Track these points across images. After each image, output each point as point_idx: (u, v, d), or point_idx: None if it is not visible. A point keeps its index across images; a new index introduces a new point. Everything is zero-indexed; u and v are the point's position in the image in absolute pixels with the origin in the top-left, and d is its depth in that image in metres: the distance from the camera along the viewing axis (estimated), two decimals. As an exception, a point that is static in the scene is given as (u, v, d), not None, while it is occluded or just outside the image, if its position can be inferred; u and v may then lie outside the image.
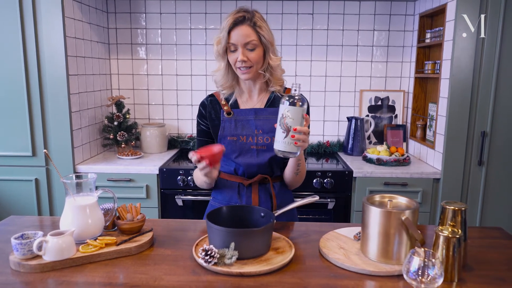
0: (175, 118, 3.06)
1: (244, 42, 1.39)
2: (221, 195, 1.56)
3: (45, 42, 2.30)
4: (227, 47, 1.43)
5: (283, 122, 1.23)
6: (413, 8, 2.87)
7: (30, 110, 2.36)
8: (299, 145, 1.25)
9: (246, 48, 1.40)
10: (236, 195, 1.52)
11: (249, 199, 1.51)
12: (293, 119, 1.22)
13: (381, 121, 3.00)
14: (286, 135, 1.23)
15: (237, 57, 1.41)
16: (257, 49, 1.42)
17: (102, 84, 2.85)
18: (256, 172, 1.50)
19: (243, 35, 1.39)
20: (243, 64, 1.41)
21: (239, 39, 1.39)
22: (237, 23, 1.39)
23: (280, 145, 1.25)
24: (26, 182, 2.43)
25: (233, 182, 1.54)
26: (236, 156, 1.49)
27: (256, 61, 1.42)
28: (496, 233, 1.40)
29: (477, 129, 2.30)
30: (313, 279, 1.06)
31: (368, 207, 1.13)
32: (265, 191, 1.52)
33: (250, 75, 1.44)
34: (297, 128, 1.22)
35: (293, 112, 1.22)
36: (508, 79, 2.23)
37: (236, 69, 1.45)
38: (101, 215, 1.26)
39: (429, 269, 0.95)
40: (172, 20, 2.93)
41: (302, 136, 1.24)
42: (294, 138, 1.23)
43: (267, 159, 1.48)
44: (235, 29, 1.39)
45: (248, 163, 1.49)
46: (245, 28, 1.39)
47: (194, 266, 1.13)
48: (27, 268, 1.09)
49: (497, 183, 2.35)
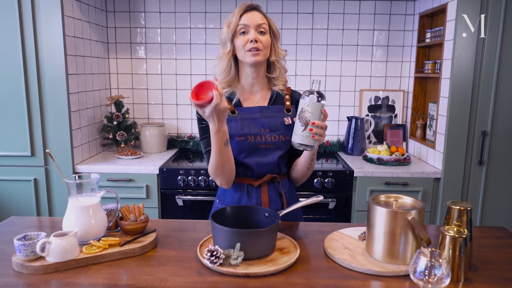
0: (174, 118, 3.04)
1: (257, 24, 1.42)
2: (229, 198, 1.52)
3: (44, 41, 2.28)
4: (237, 31, 1.43)
5: (302, 116, 1.26)
6: (413, 7, 2.87)
7: (29, 109, 2.34)
8: (316, 138, 1.28)
9: (258, 31, 1.42)
10: (246, 197, 1.49)
11: (258, 199, 1.48)
12: (312, 113, 1.25)
13: (380, 121, 3.00)
14: (304, 129, 1.26)
15: (248, 38, 1.41)
16: (267, 34, 1.45)
17: (101, 83, 2.84)
18: (265, 171, 1.48)
19: (256, 18, 1.42)
20: (254, 45, 1.40)
21: (251, 21, 1.41)
22: (249, 9, 1.43)
23: (298, 137, 1.28)
24: (25, 182, 2.41)
25: (241, 184, 1.50)
26: (245, 156, 1.46)
27: (265, 45, 1.43)
28: (499, 232, 1.40)
29: (478, 128, 2.31)
30: (319, 280, 1.06)
31: (374, 207, 1.13)
32: (274, 190, 1.50)
33: (258, 58, 1.42)
34: (316, 122, 1.25)
35: (312, 107, 1.25)
36: (508, 79, 2.24)
37: (244, 53, 1.42)
38: (104, 215, 1.25)
39: (436, 269, 0.95)
40: (172, 19, 2.91)
41: (320, 130, 1.27)
42: (312, 131, 1.26)
43: (276, 158, 1.47)
44: (247, 13, 1.42)
45: (258, 163, 1.47)
46: (257, 13, 1.44)
47: (199, 267, 1.12)
48: (30, 269, 1.08)
49: (497, 183, 2.35)
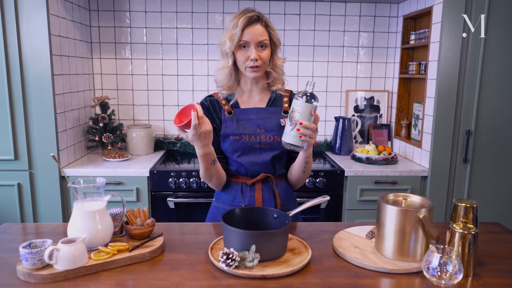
0: (161, 119, 2.99)
1: (258, 41, 1.40)
2: (225, 196, 1.55)
3: (28, 40, 2.19)
4: (238, 45, 1.42)
5: (292, 115, 1.28)
6: (396, 10, 2.94)
7: (12, 111, 2.24)
8: (304, 139, 1.28)
9: (258, 47, 1.41)
10: (240, 195, 1.51)
11: (252, 198, 1.50)
12: (301, 113, 1.26)
13: (366, 121, 3.06)
14: (292, 128, 1.28)
15: (248, 55, 1.41)
16: (267, 48, 1.44)
17: (85, 84, 2.76)
18: (259, 171, 1.50)
19: (258, 34, 1.40)
20: (255, 63, 1.40)
21: (253, 37, 1.40)
22: (251, 21, 1.40)
23: (287, 137, 1.30)
24: (8, 187, 2.31)
25: (235, 182, 1.54)
26: (239, 155, 1.49)
27: (265, 61, 1.44)
28: (496, 228, 1.46)
29: (462, 128, 2.39)
30: (335, 279, 1.07)
31: (386, 206, 1.15)
32: (269, 190, 1.52)
33: (258, 73, 1.44)
34: (304, 123, 1.26)
35: (302, 107, 1.26)
36: (491, 80, 2.33)
37: (245, 68, 1.44)
38: (110, 220, 1.21)
39: (449, 266, 0.98)
40: (158, 19, 2.87)
41: (308, 131, 1.27)
42: (299, 131, 1.27)
43: (270, 158, 1.49)
44: (249, 27, 1.40)
45: (251, 162, 1.49)
46: (259, 27, 1.41)
47: (213, 270, 1.10)
48: (39, 278, 1.03)
49: (481, 180, 2.44)
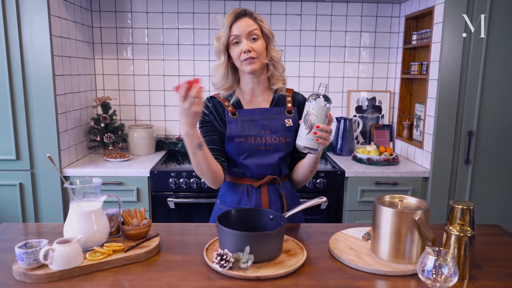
0: (162, 120, 3.00)
1: (248, 31, 1.40)
2: (230, 198, 1.52)
3: (30, 41, 2.20)
4: (230, 42, 1.42)
5: (307, 119, 1.27)
6: (398, 10, 2.92)
7: (14, 111, 2.25)
8: (321, 142, 1.28)
9: (250, 39, 1.41)
10: (246, 197, 1.49)
11: (258, 200, 1.48)
12: (317, 116, 1.26)
13: (368, 121, 3.05)
14: (309, 132, 1.27)
15: (241, 48, 1.40)
16: (260, 40, 1.43)
17: (87, 84, 2.77)
18: (265, 172, 1.49)
19: (246, 25, 1.40)
20: (248, 55, 1.39)
21: (242, 29, 1.40)
22: (238, 17, 1.41)
23: (303, 140, 1.29)
24: (9, 187, 2.32)
25: (241, 184, 1.51)
26: (245, 157, 1.47)
27: (259, 52, 1.42)
28: (494, 230, 1.45)
29: (464, 128, 2.37)
30: (329, 281, 1.06)
31: (381, 208, 1.14)
32: (275, 191, 1.51)
33: (255, 66, 1.41)
34: (320, 125, 1.26)
35: (318, 110, 1.26)
36: (492, 80, 2.31)
37: (240, 64, 1.43)
38: (106, 221, 1.22)
39: (444, 268, 0.98)
40: (159, 19, 2.87)
41: (324, 134, 1.27)
42: (316, 135, 1.26)
43: (276, 159, 1.47)
44: (236, 22, 1.41)
45: (257, 164, 1.47)
46: (247, 19, 1.42)
47: (207, 271, 1.10)
48: (34, 278, 1.04)
49: (483, 181, 2.42)
